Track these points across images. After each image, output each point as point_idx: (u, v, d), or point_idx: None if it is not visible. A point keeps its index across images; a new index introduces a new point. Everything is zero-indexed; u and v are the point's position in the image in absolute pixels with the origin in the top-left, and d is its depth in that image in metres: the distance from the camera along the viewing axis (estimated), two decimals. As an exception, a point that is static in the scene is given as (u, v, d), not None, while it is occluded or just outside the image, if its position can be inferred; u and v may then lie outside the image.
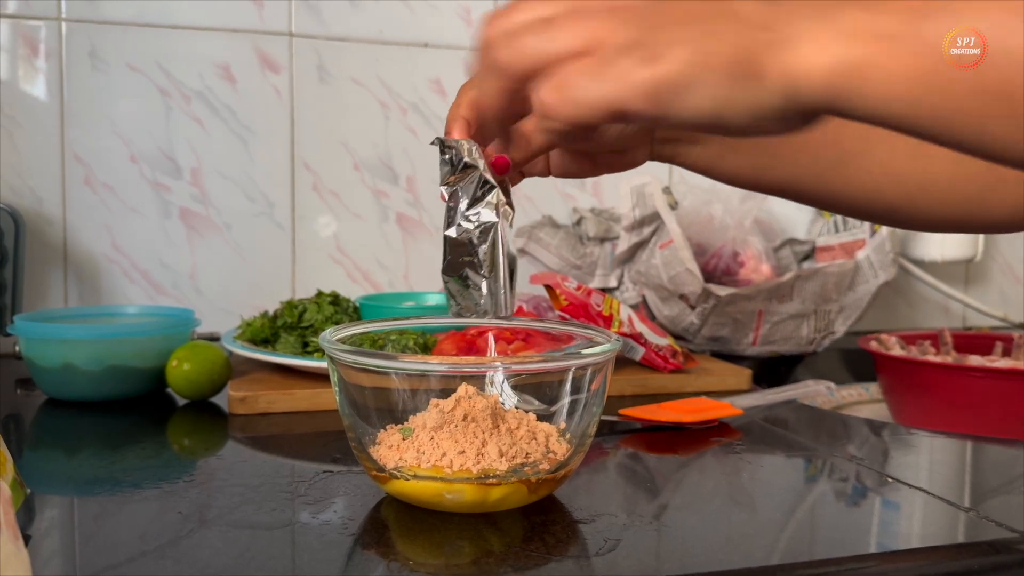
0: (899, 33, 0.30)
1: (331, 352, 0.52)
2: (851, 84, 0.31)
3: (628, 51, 0.33)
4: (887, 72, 0.30)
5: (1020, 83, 0.29)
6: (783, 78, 0.32)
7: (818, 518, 0.56)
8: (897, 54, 0.30)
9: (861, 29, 0.31)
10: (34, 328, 0.78)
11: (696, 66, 0.32)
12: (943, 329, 1.05)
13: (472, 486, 0.49)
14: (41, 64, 1.03)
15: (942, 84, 0.30)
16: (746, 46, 0.32)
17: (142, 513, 0.52)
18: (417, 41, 1.15)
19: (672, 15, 0.33)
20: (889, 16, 0.30)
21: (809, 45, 0.32)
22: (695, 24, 0.33)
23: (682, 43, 0.33)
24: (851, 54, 0.31)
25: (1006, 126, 0.30)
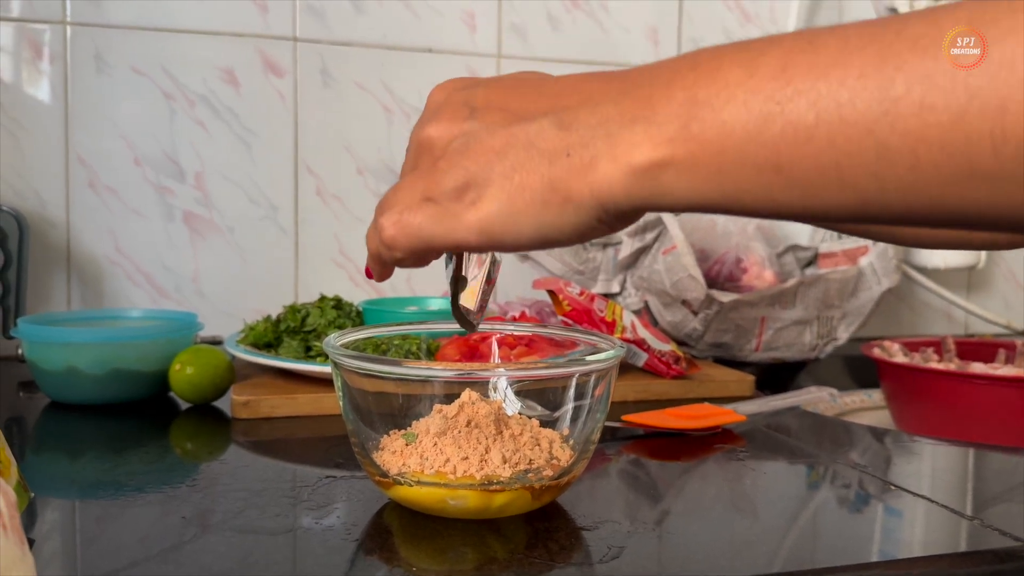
0: (677, 136, 0.34)
1: (335, 357, 0.52)
2: (649, 189, 0.35)
3: (456, 196, 0.38)
4: (674, 172, 0.34)
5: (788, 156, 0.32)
6: (592, 197, 0.36)
7: (821, 526, 0.55)
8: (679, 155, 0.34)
9: (645, 140, 0.34)
10: (37, 331, 0.78)
11: (513, 202, 0.37)
12: (946, 336, 1.05)
13: (476, 492, 0.49)
14: (46, 67, 1.03)
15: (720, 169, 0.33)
16: (553, 175, 0.36)
17: (145, 517, 0.52)
18: (421, 46, 1.15)
19: (482, 154, 0.38)
20: (665, 123, 0.34)
21: (606, 163, 0.35)
22: (502, 160, 0.37)
23: (496, 181, 0.37)
24: (641, 163, 0.34)
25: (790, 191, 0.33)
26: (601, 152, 0.35)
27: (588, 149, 0.35)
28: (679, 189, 0.34)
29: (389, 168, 1.15)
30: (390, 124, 1.15)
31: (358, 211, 1.15)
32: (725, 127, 0.33)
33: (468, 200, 0.38)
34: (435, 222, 0.38)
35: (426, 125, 0.40)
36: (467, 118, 0.39)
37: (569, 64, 1.21)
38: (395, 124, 1.15)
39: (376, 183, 1.15)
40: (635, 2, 1.24)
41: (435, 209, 0.38)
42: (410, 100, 1.15)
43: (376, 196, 1.15)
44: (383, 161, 1.15)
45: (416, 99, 1.15)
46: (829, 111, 0.31)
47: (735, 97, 0.32)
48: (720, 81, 0.33)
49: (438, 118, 0.40)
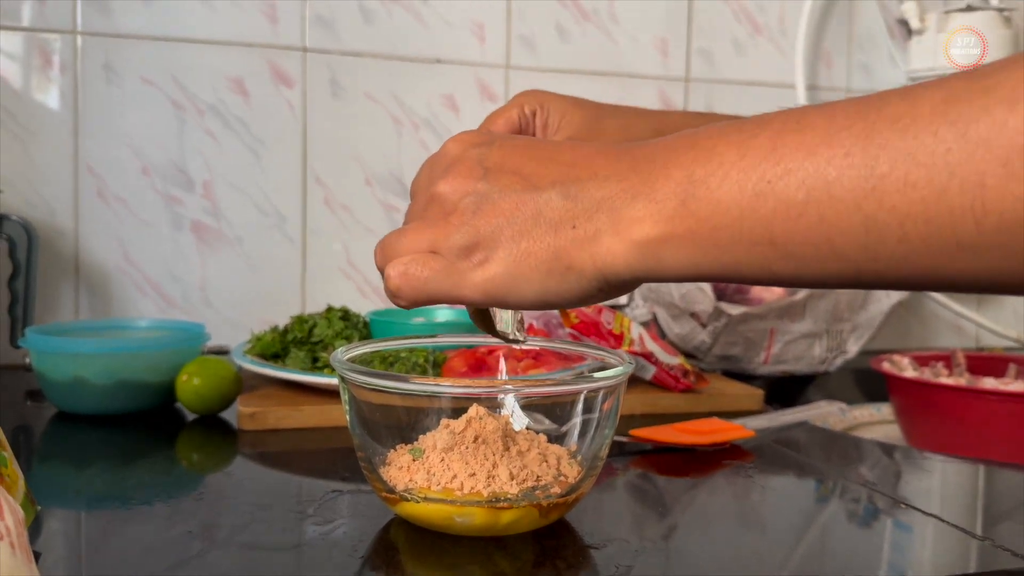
0: (675, 213, 0.36)
1: (342, 372, 0.52)
2: (650, 263, 0.37)
3: (464, 255, 0.39)
4: (674, 247, 0.36)
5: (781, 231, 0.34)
6: (594, 268, 0.38)
7: (829, 543, 0.55)
8: (677, 232, 0.36)
9: (646, 216, 0.36)
10: (45, 341, 0.78)
11: (519, 266, 0.39)
12: (956, 350, 1.04)
13: (483, 509, 0.48)
14: (55, 76, 1.04)
15: (716, 244, 0.35)
16: (558, 244, 0.38)
17: (150, 530, 0.52)
18: (430, 57, 1.15)
19: (492, 216, 0.39)
20: (665, 200, 0.36)
21: (609, 237, 0.37)
22: (511, 225, 0.39)
23: (503, 245, 0.39)
24: (643, 238, 0.36)
25: (785, 263, 0.34)
26: (604, 226, 0.37)
27: (592, 222, 0.37)
28: (678, 262, 0.36)
29: (397, 178, 1.15)
30: (399, 134, 1.15)
31: (366, 221, 1.15)
32: (720, 205, 0.34)
33: (475, 260, 0.39)
34: (441, 278, 0.40)
35: (440, 178, 0.41)
36: (480, 178, 0.40)
37: (578, 75, 1.21)
38: (404, 134, 1.15)
39: (384, 193, 1.15)
40: (644, 13, 1.24)
41: (441, 264, 0.40)
42: (419, 110, 1.15)
43: (384, 206, 1.15)
44: (391, 171, 1.15)
45: (425, 109, 1.16)
46: (818, 189, 0.32)
47: (729, 176, 0.34)
48: (715, 161, 0.35)
49: (452, 173, 0.41)
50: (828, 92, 1.34)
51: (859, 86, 1.35)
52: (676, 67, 1.26)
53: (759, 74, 1.30)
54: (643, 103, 1.24)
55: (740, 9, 1.29)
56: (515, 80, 1.19)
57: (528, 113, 0.56)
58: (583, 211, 0.38)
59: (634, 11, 1.23)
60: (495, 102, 1.18)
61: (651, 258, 0.37)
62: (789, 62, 1.31)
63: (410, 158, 1.16)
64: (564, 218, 0.38)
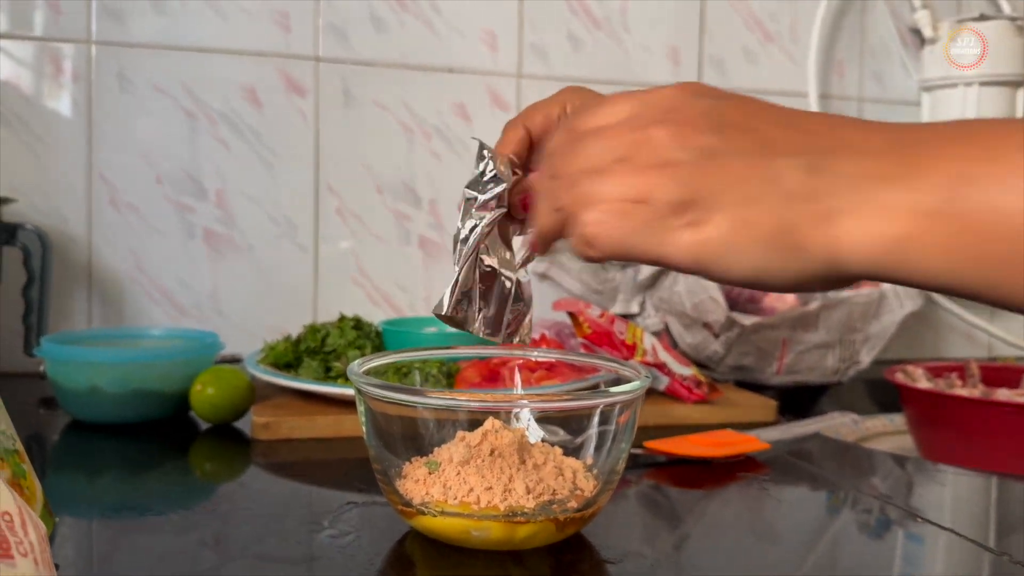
0: (939, 210, 0.31)
1: (359, 385, 0.52)
2: (893, 259, 0.32)
3: (676, 211, 0.35)
4: (928, 248, 0.31)
5: None
6: (825, 251, 0.33)
7: (845, 556, 0.55)
8: (937, 232, 0.31)
9: (902, 205, 0.32)
10: (61, 351, 0.78)
11: (738, 234, 0.34)
12: (969, 361, 1.04)
13: (500, 524, 0.48)
14: (69, 85, 1.04)
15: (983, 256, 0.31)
16: (789, 218, 0.33)
17: (163, 541, 0.52)
18: (441, 66, 1.15)
19: (718, 175, 0.35)
20: (929, 192, 0.31)
21: (851, 220, 0.32)
22: (739, 188, 0.34)
23: (726, 209, 0.34)
24: (892, 231, 0.32)
25: None
26: (848, 206, 0.33)
27: (835, 199, 0.33)
28: (930, 267, 0.32)
29: (408, 187, 1.16)
30: (410, 143, 1.15)
31: (377, 230, 1.15)
32: (999, 214, 0.30)
33: (688, 219, 0.35)
34: (646, 233, 0.36)
35: (658, 122, 0.36)
36: (712, 131, 0.36)
37: (590, 83, 1.21)
38: (415, 143, 1.15)
39: (395, 202, 1.15)
40: (656, 21, 1.24)
41: (647, 217, 0.35)
42: (430, 119, 1.16)
43: (395, 215, 1.15)
44: (403, 180, 1.15)
45: (436, 118, 1.16)
46: None
47: (1011, 183, 0.30)
48: (1000, 161, 0.30)
49: (676, 120, 0.36)
50: (840, 101, 1.34)
51: (871, 95, 1.35)
52: (688, 75, 1.26)
53: (770, 82, 1.30)
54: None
55: (751, 17, 1.29)
56: (526, 89, 1.19)
57: (570, 112, 0.51)
58: (827, 186, 0.33)
59: (645, 20, 1.24)
60: (507, 111, 1.18)
61: (896, 255, 0.32)
62: (801, 70, 1.31)
63: (421, 166, 1.16)
64: (803, 191, 0.33)
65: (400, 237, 1.16)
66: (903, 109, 1.36)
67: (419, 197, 1.16)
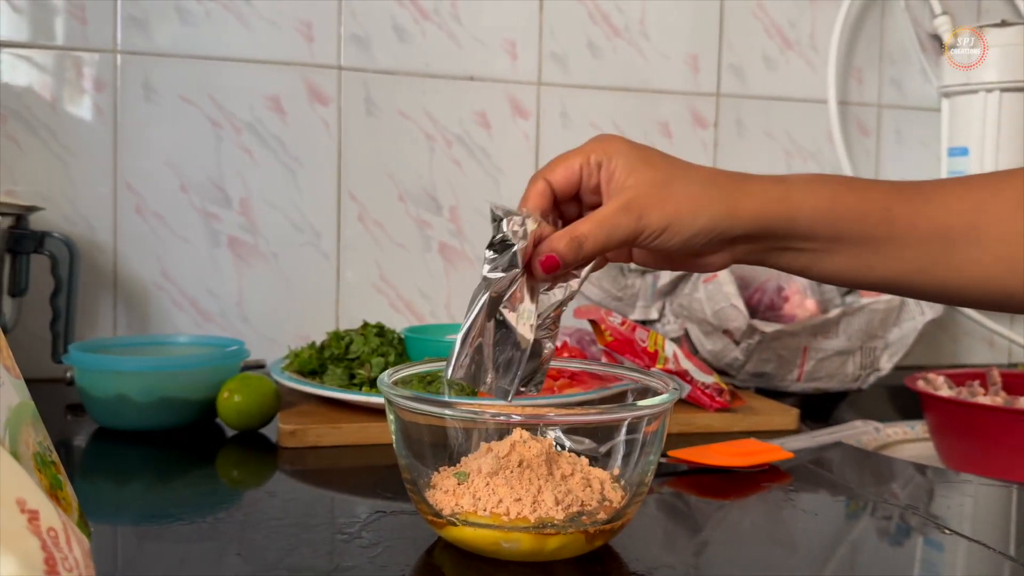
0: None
1: (389, 396, 0.52)
2: None
3: None
4: None
5: None
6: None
7: (867, 564, 0.55)
8: None
9: None
10: (89, 359, 0.80)
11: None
12: (991, 368, 1.03)
13: (530, 535, 0.49)
14: (95, 94, 1.05)
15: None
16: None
17: (190, 549, 0.53)
18: (463, 74, 1.16)
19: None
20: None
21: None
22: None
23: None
24: None
25: None
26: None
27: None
28: None
29: (430, 195, 1.16)
30: (432, 151, 1.16)
31: (399, 237, 1.16)
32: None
33: None
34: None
35: None
36: None
37: (609, 91, 1.22)
38: (436, 151, 1.16)
39: (417, 209, 1.16)
40: (675, 29, 1.24)
41: None
42: (451, 127, 1.16)
43: (417, 222, 1.16)
44: (424, 188, 1.16)
45: (457, 126, 1.16)
46: None
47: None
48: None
49: None
50: (859, 108, 1.34)
51: (891, 101, 1.35)
52: (707, 83, 1.26)
53: (790, 89, 1.30)
54: (674, 119, 1.25)
55: (771, 25, 1.29)
56: (547, 96, 1.19)
57: (594, 164, 0.54)
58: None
59: (665, 28, 1.24)
60: (527, 119, 1.19)
61: None
62: (820, 77, 1.31)
63: (442, 174, 1.16)
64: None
65: (422, 244, 1.17)
66: (923, 115, 1.35)
67: (440, 204, 1.17)
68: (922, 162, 1.37)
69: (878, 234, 0.54)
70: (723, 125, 1.28)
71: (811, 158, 1.32)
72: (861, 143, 1.34)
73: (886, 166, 1.36)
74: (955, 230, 0.53)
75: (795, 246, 0.56)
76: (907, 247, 0.54)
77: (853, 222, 0.54)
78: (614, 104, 1.23)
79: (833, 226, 0.54)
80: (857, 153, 1.34)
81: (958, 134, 1.30)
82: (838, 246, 0.55)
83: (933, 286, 0.55)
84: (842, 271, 0.56)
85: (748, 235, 0.55)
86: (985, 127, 1.27)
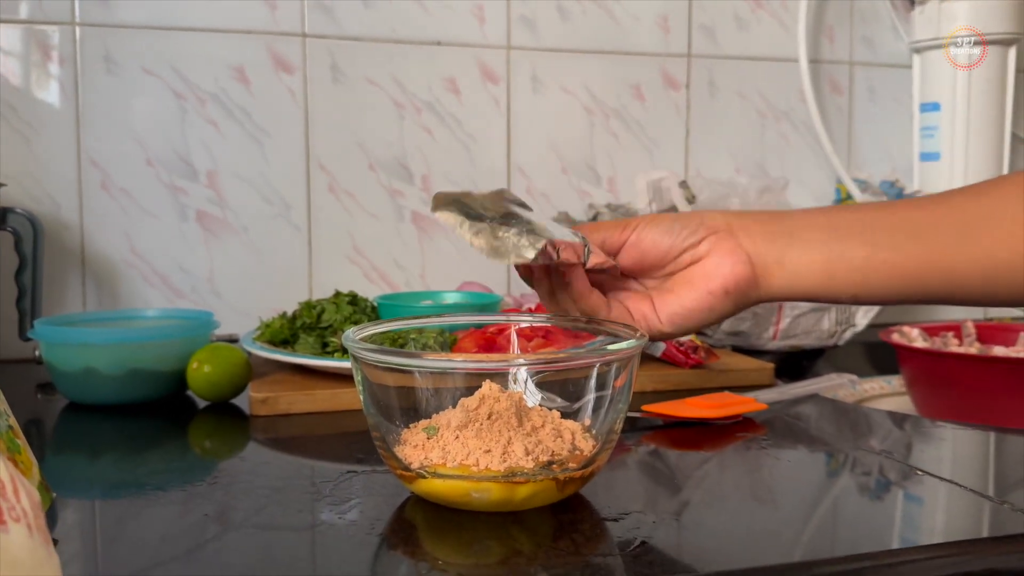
0: None
1: (355, 351, 0.52)
2: None
3: None
4: None
5: None
6: None
7: (842, 513, 0.55)
8: None
9: None
10: (55, 332, 0.78)
11: None
12: (965, 320, 1.04)
13: (499, 484, 0.48)
14: (55, 69, 1.03)
15: None
16: None
17: (165, 516, 0.52)
18: (430, 39, 1.15)
19: None
20: None
21: None
22: None
23: None
24: None
25: None
26: None
27: None
28: None
29: (401, 163, 1.15)
30: (401, 119, 1.15)
31: (371, 207, 1.14)
32: None
33: None
34: None
35: None
36: None
37: (580, 54, 1.21)
38: (406, 119, 1.15)
39: (388, 178, 1.15)
40: (644, -10, 1.23)
41: None
42: (421, 94, 1.15)
43: (389, 192, 1.15)
44: (395, 156, 1.15)
45: (427, 93, 1.15)
46: None
47: None
48: None
49: None
50: (831, 65, 1.33)
51: (862, 59, 1.35)
52: (678, 44, 1.25)
53: (761, 49, 1.30)
54: (646, 81, 1.24)
55: (741, -16, 1.28)
56: (517, 61, 1.18)
57: None
58: None
59: (634, -12, 1.23)
60: (497, 84, 1.17)
61: None
62: (792, 36, 1.30)
63: (412, 142, 1.15)
64: None
65: (394, 214, 1.15)
66: (894, 72, 1.35)
67: (412, 173, 1.16)
68: (895, 119, 1.37)
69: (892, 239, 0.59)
70: (695, 86, 1.27)
71: (784, 117, 1.31)
72: (834, 101, 1.34)
73: (859, 124, 1.36)
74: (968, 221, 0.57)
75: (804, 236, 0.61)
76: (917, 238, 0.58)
77: None
78: (585, 67, 1.22)
79: None
80: (830, 111, 1.34)
81: (930, 90, 1.30)
82: None
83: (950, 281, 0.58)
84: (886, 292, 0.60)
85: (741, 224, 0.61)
86: (956, 81, 1.27)
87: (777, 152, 1.32)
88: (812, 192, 1.34)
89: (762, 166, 1.31)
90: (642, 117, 1.25)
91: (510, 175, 1.19)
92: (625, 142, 1.24)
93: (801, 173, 1.33)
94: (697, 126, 1.27)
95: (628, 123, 1.24)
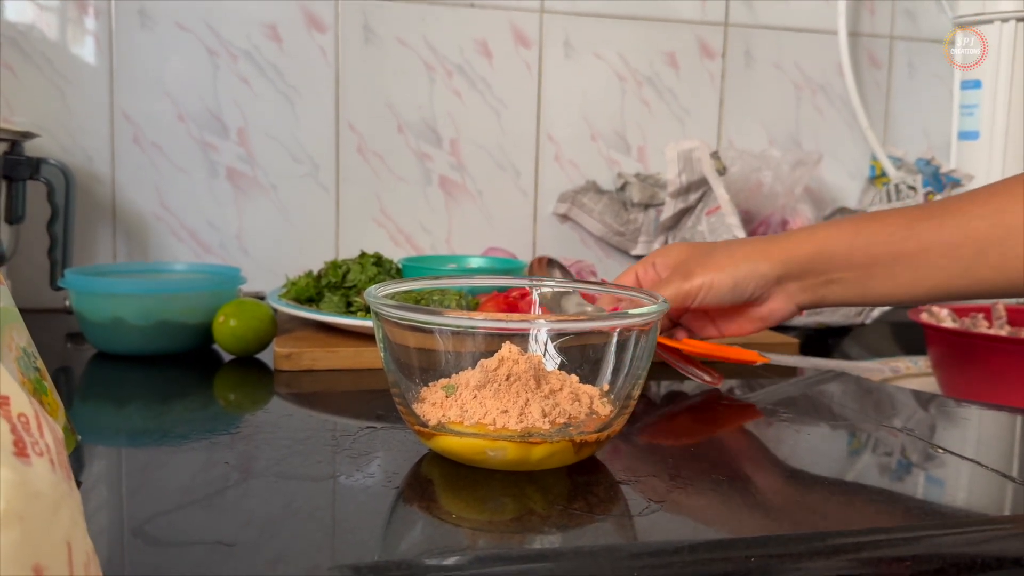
0: None
1: (376, 308, 0.52)
2: None
3: None
4: None
5: None
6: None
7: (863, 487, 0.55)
8: None
9: None
10: (84, 282, 0.79)
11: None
12: (996, 302, 1.02)
13: (515, 444, 0.49)
14: (91, 23, 1.04)
15: None
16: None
17: (189, 463, 0.53)
18: (463, 1, 1.14)
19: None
20: None
21: None
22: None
23: None
24: None
25: None
26: None
27: None
28: None
29: (430, 126, 1.15)
30: (431, 81, 1.14)
31: (398, 169, 1.14)
32: None
33: None
34: None
35: None
36: None
37: (614, 19, 1.19)
38: (436, 81, 1.14)
39: (417, 141, 1.15)
40: (682, -43, 1.21)
41: None
42: (452, 56, 1.14)
43: (417, 155, 1.15)
44: (424, 119, 1.15)
45: (458, 55, 1.14)
46: None
47: None
48: None
49: None
50: (871, 39, 1.30)
51: (903, 32, 1.32)
52: (715, 12, 1.23)
53: (800, 20, 1.27)
54: (681, 49, 1.22)
55: (781, -48, 1.25)
56: (550, 24, 1.17)
57: None
58: None
59: (672, -45, 1.21)
60: (529, 48, 1.16)
61: None
62: (831, 7, 1.27)
63: (442, 105, 1.15)
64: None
65: (422, 177, 1.15)
66: (936, 47, 1.32)
67: (440, 137, 1.15)
68: (935, 96, 1.34)
69: (907, 249, 0.62)
70: (731, 56, 1.25)
71: (820, 91, 1.29)
72: (872, 75, 1.31)
73: (897, 100, 1.33)
74: (981, 232, 0.60)
75: (837, 276, 0.66)
76: (940, 256, 0.62)
77: (880, 244, 0.63)
78: (619, 33, 1.20)
79: (864, 251, 0.64)
80: (868, 86, 1.31)
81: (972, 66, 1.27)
82: (876, 269, 0.64)
83: (982, 287, 0.62)
84: (892, 292, 0.65)
85: (788, 273, 0.67)
86: (1000, 58, 1.24)
87: (812, 126, 1.30)
88: (846, 168, 1.32)
89: (796, 139, 1.30)
90: (675, 86, 1.23)
91: (539, 142, 1.19)
92: (657, 111, 1.23)
93: (836, 148, 1.31)
94: (731, 97, 1.26)
95: (661, 91, 1.23)
